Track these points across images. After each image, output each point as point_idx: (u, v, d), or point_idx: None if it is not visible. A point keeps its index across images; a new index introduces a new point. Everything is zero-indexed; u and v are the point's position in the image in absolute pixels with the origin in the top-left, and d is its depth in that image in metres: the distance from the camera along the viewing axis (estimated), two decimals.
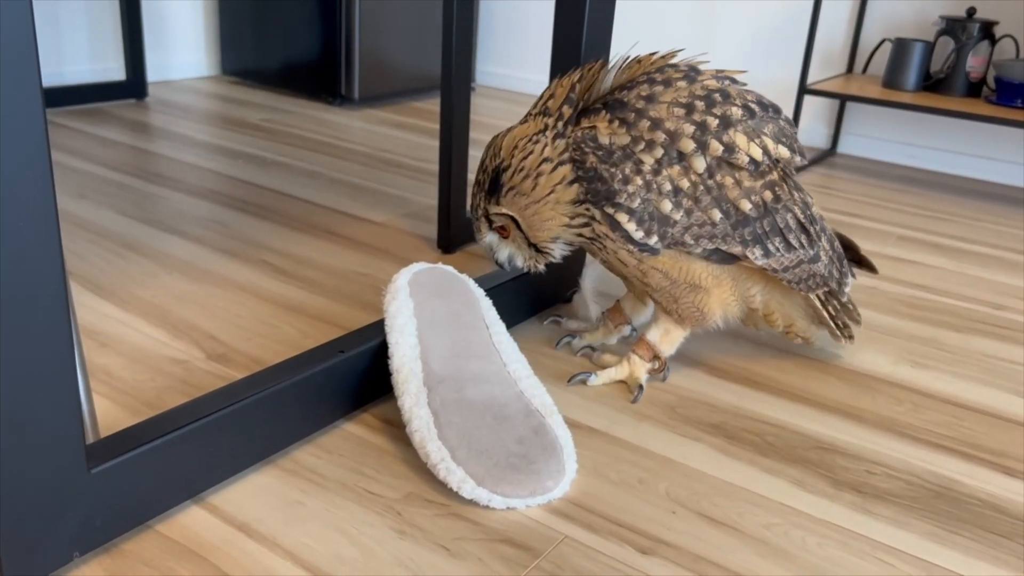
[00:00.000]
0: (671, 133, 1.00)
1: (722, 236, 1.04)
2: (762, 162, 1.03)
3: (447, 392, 0.96)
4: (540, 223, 1.06)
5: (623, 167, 1.00)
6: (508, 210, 1.06)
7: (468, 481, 0.88)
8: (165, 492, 0.84)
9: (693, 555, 0.84)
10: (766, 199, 1.05)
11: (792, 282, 1.11)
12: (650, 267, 1.06)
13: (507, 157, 1.04)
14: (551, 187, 1.03)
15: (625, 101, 1.01)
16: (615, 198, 1.00)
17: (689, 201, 1.01)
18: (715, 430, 1.07)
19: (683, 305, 1.11)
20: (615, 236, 1.03)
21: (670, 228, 1.02)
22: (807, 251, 1.10)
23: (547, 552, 0.83)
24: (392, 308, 1.04)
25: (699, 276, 1.08)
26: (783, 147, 1.06)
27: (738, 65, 2.75)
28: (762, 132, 1.04)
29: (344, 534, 0.84)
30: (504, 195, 1.05)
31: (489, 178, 1.06)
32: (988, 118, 2.09)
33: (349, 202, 1.83)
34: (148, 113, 2.52)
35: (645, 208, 1.01)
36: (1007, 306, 1.53)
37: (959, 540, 0.89)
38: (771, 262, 1.08)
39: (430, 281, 1.11)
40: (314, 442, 0.98)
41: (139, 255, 1.47)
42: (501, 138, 1.07)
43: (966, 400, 1.18)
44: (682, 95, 1.01)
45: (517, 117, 2.84)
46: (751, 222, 1.04)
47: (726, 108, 1.02)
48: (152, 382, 1.08)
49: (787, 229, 1.07)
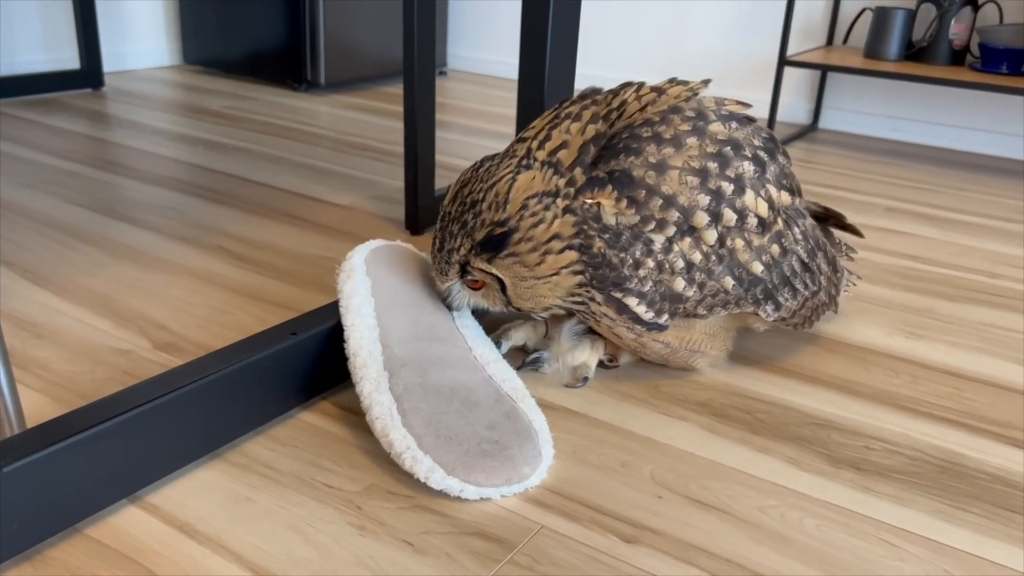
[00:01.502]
0: (685, 210, 0.90)
1: (735, 301, 0.98)
2: (767, 218, 0.96)
3: (410, 377, 0.88)
4: (532, 296, 0.95)
5: (633, 250, 0.90)
6: (500, 274, 0.94)
7: (437, 470, 0.80)
8: (95, 491, 0.75)
9: (682, 542, 0.77)
10: (774, 254, 0.98)
11: (798, 325, 1.07)
12: (651, 340, 0.98)
13: (513, 215, 0.90)
14: (556, 269, 0.92)
15: (634, 176, 0.89)
16: (624, 284, 0.91)
17: (702, 275, 0.93)
18: (702, 408, 0.99)
19: (674, 363, 1.05)
20: (620, 317, 0.94)
21: (682, 304, 0.95)
22: (810, 288, 1.04)
23: (522, 544, 0.76)
24: (347, 288, 0.96)
25: (698, 343, 1.02)
26: (784, 192, 0.98)
27: (717, 37, 2.68)
28: (766, 183, 0.96)
29: (298, 532, 0.76)
30: (503, 258, 0.93)
31: (484, 230, 0.91)
32: (973, 84, 2.03)
33: (313, 185, 1.74)
34: (104, 102, 2.42)
35: (656, 290, 0.93)
36: (1001, 274, 1.47)
37: (968, 517, 0.83)
38: (781, 313, 1.02)
39: (388, 259, 1.02)
40: (266, 433, 0.90)
41: (86, 244, 1.38)
42: (502, 181, 0.92)
43: (966, 370, 1.12)
44: (693, 158, 0.91)
45: (489, 100, 2.77)
46: (761, 281, 0.98)
47: (738, 166, 0.93)
48: (91, 374, 0.99)
49: (793, 276, 1.01)
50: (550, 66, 1.28)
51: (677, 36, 2.75)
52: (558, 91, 1.33)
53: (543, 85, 1.29)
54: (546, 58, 1.27)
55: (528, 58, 1.29)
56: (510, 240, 0.91)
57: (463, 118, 2.48)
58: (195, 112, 2.36)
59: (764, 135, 0.98)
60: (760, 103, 2.51)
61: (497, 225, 0.91)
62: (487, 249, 0.92)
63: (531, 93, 1.31)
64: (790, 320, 1.05)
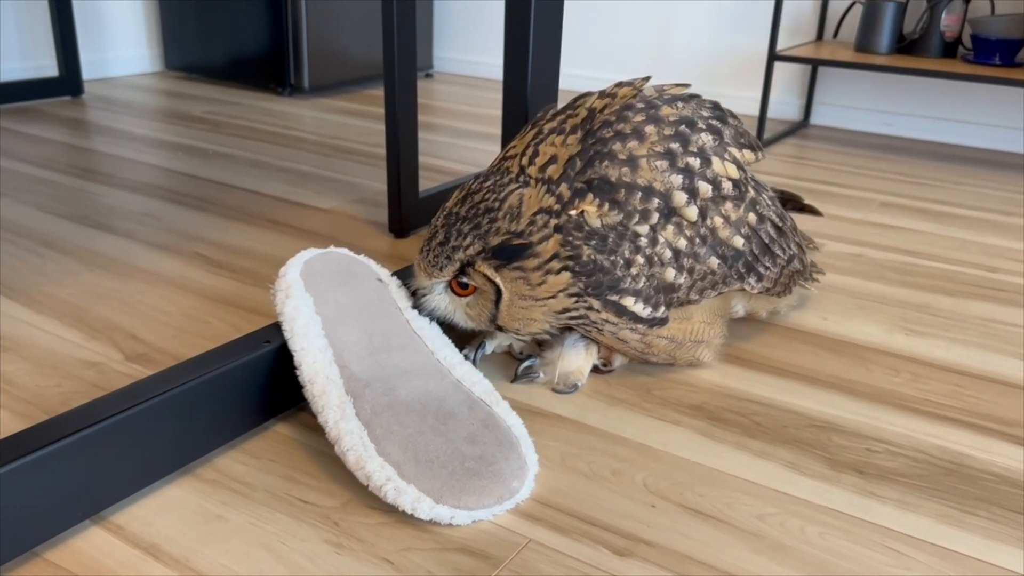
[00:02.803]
0: (663, 195, 0.92)
1: (722, 280, 0.99)
2: (740, 178, 0.97)
3: (376, 396, 0.83)
4: (524, 318, 0.93)
5: (621, 250, 0.90)
6: (503, 286, 0.91)
7: (424, 500, 0.75)
8: (55, 512, 0.71)
9: (677, 554, 0.73)
10: (752, 223, 0.99)
11: (780, 293, 1.09)
12: (655, 337, 0.97)
13: (527, 229, 0.89)
14: (553, 292, 0.91)
15: (612, 180, 0.90)
16: (619, 285, 0.91)
17: (690, 260, 0.95)
18: (696, 412, 0.96)
19: (680, 360, 1.03)
20: (620, 320, 0.93)
21: (676, 293, 0.96)
22: (787, 252, 1.06)
23: (508, 560, 0.72)
24: (288, 309, 0.89)
25: (700, 331, 1.01)
26: (746, 150, 1.00)
27: (705, 34, 2.65)
28: (727, 146, 0.97)
29: (270, 551, 0.72)
30: (511, 270, 0.91)
31: (500, 237, 0.89)
32: (966, 76, 1.99)
33: (295, 190, 1.70)
34: (84, 110, 2.37)
35: (650, 284, 0.92)
36: (1001, 268, 1.43)
37: (976, 521, 0.79)
38: (764, 283, 1.03)
39: (326, 269, 0.95)
40: (240, 447, 0.86)
41: (58, 252, 1.33)
42: (513, 195, 0.91)
43: (968, 367, 1.08)
44: (656, 143, 0.92)
45: (476, 102, 2.73)
46: (742, 255, 0.99)
47: (697, 139, 0.95)
48: (59, 388, 0.95)
49: (771, 242, 1.02)
50: (533, 66, 1.26)
51: (665, 34, 2.72)
52: (542, 91, 1.29)
53: (527, 85, 1.26)
54: (529, 58, 1.25)
55: (512, 59, 1.26)
56: (526, 253, 0.89)
57: (449, 120, 2.45)
58: (176, 118, 2.31)
59: (708, 105, 1.00)
60: (750, 100, 2.48)
61: (515, 235, 0.89)
62: (500, 256, 0.90)
63: (515, 94, 1.28)
64: (773, 291, 1.06)
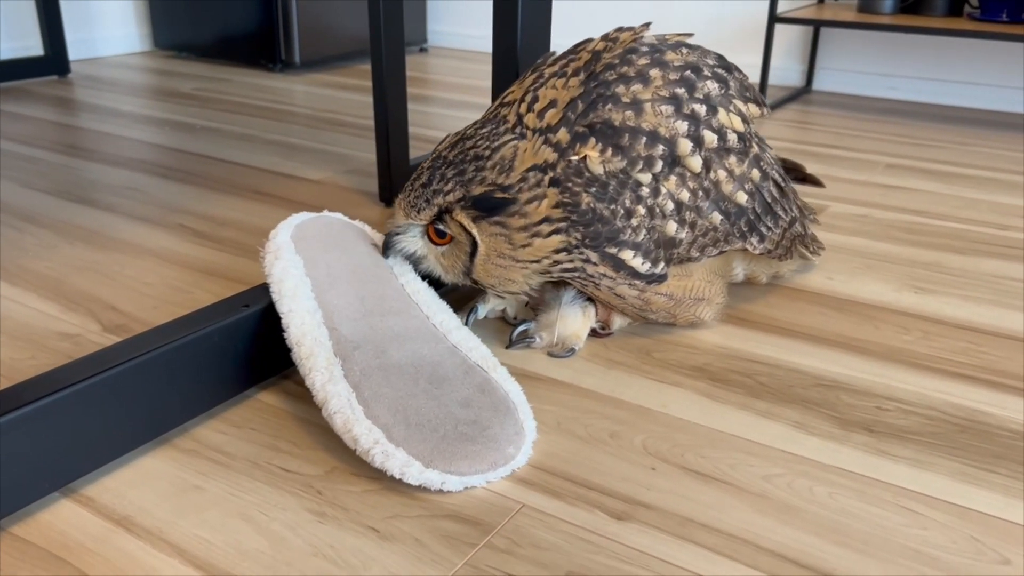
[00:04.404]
0: (668, 141, 0.87)
1: (724, 237, 0.95)
2: (745, 132, 0.94)
3: (366, 359, 0.79)
4: (500, 276, 0.89)
5: (622, 199, 0.86)
6: (479, 238, 0.86)
7: (413, 464, 0.71)
8: (20, 485, 0.67)
9: (678, 517, 0.69)
10: (755, 179, 0.96)
11: (781, 257, 1.04)
12: (654, 294, 0.93)
13: (517, 185, 0.84)
14: (538, 256, 0.86)
15: (615, 124, 0.86)
16: (618, 237, 0.86)
17: (692, 214, 0.91)
18: (698, 373, 0.91)
19: (680, 319, 0.99)
20: (618, 275, 0.89)
21: (676, 249, 0.91)
22: (789, 214, 1.03)
23: (500, 526, 0.68)
24: (276, 270, 0.85)
25: (700, 289, 0.97)
26: (752, 104, 0.96)
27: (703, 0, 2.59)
28: (732, 98, 0.93)
29: (249, 522, 0.68)
30: (490, 224, 0.86)
31: (484, 187, 0.85)
32: (972, 33, 1.94)
33: (284, 162, 1.65)
34: (70, 89, 2.33)
35: (650, 237, 0.88)
36: (1012, 225, 1.38)
37: (994, 478, 0.75)
38: (766, 244, 1.00)
39: (318, 233, 0.92)
40: (220, 416, 0.82)
41: (37, 226, 1.29)
42: (507, 146, 0.86)
43: (980, 324, 1.04)
44: (660, 88, 0.88)
45: (469, 74, 2.67)
46: (744, 212, 0.95)
47: (703, 86, 0.91)
48: (32, 360, 0.91)
49: (774, 202, 0.99)
50: (522, 33, 1.21)
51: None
52: (533, 59, 1.25)
53: (516, 52, 1.22)
54: (518, 25, 1.20)
55: (501, 25, 1.21)
56: (508, 209, 0.85)
57: (443, 92, 2.39)
58: (164, 95, 2.27)
59: (713, 55, 0.96)
60: (751, 66, 2.42)
61: (500, 188, 0.85)
62: (480, 207, 0.85)
63: (505, 61, 1.23)
64: (774, 252, 1.02)
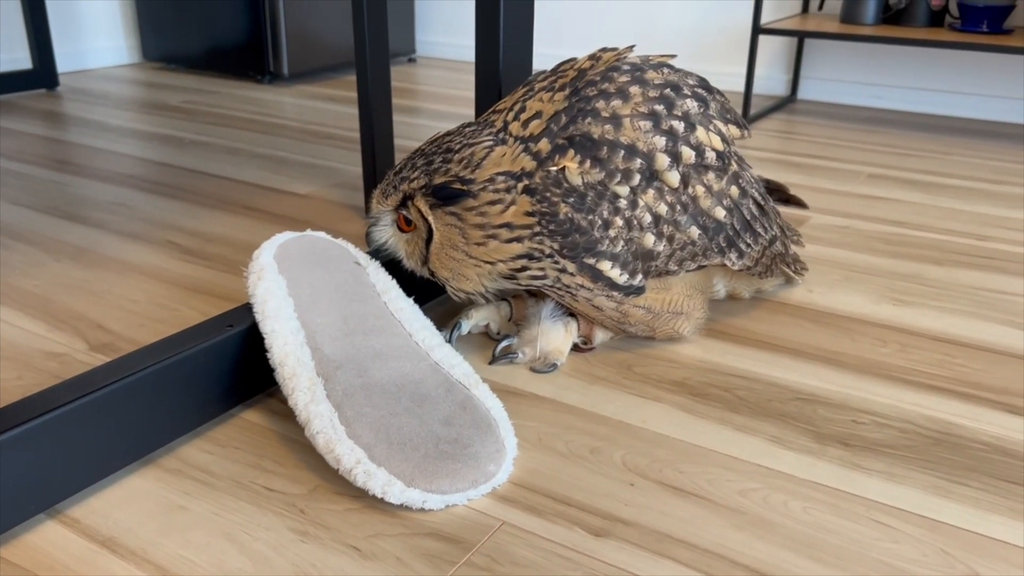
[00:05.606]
0: (646, 155, 0.89)
1: (703, 252, 0.96)
2: (724, 151, 0.95)
3: (348, 378, 0.80)
4: (454, 269, 0.91)
5: (600, 210, 0.87)
6: (435, 226, 0.89)
7: (394, 483, 0.72)
8: (6, 507, 0.68)
9: (657, 533, 0.70)
10: (734, 196, 0.97)
11: (761, 274, 1.06)
12: (632, 306, 0.94)
13: (479, 182, 0.87)
14: (492, 259, 0.88)
15: (594, 137, 0.88)
16: (596, 247, 0.88)
17: (670, 227, 0.92)
18: (678, 388, 0.93)
19: (659, 332, 1.00)
20: (596, 286, 0.90)
21: (654, 262, 0.93)
22: (769, 232, 1.04)
23: (480, 544, 0.69)
24: (260, 291, 0.86)
25: (679, 303, 0.98)
26: (732, 125, 0.98)
27: (690, 8, 2.61)
28: (712, 118, 0.95)
29: (232, 541, 0.69)
30: (446, 213, 0.88)
31: (445, 177, 0.88)
32: (953, 44, 1.96)
33: (272, 176, 1.66)
34: (58, 102, 2.33)
35: (628, 249, 0.89)
36: (990, 236, 1.40)
37: (966, 491, 0.76)
38: (745, 261, 1.01)
39: (301, 252, 0.93)
40: (205, 436, 0.83)
41: (25, 244, 1.30)
42: (481, 146, 0.89)
43: (957, 336, 1.05)
44: (640, 104, 0.90)
45: (457, 85, 2.68)
46: (723, 228, 0.96)
47: (682, 103, 0.92)
48: (18, 380, 0.92)
49: (753, 220, 1.00)
50: (504, 44, 1.22)
51: (648, 10, 2.68)
52: (515, 70, 1.26)
53: (498, 64, 1.23)
54: (500, 36, 1.21)
55: (483, 37, 1.22)
56: (462, 202, 0.87)
57: (430, 103, 2.41)
58: (152, 108, 2.27)
59: (695, 78, 0.97)
60: (736, 76, 2.45)
61: (460, 181, 0.87)
62: (436, 195, 0.88)
63: (487, 73, 1.24)
64: (754, 270, 1.04)
